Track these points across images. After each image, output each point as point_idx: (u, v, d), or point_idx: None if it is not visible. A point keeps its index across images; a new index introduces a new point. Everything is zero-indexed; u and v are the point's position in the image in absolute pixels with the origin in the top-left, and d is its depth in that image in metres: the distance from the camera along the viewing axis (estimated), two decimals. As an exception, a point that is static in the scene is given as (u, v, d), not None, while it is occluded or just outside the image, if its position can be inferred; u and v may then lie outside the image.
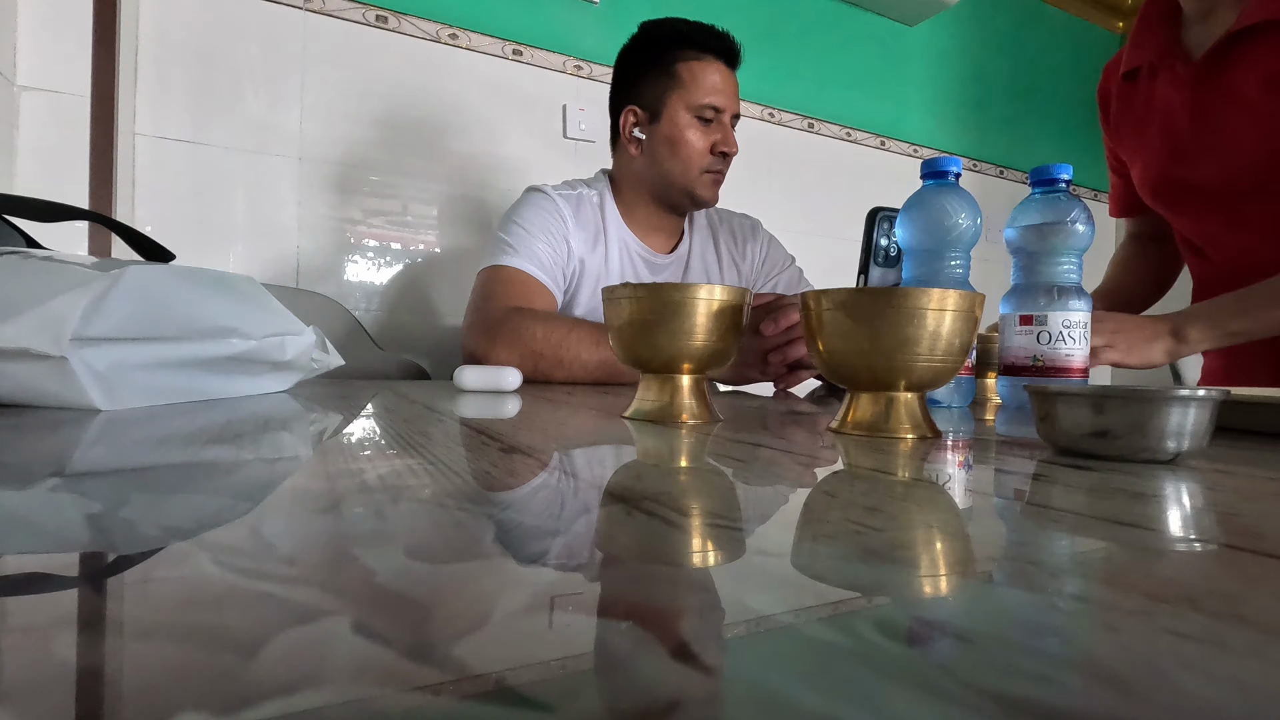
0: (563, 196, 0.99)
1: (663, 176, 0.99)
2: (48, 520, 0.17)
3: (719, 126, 0.96)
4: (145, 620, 0.11)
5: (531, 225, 0.94)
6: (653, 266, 1.05)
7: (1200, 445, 0.29)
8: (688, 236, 1.10)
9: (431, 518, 0.18)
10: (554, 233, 0.95)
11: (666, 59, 0.96)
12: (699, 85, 0.94)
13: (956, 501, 0.22)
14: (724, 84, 0.95)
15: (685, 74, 0.94)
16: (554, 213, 0.96)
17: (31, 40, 1.11)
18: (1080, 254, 0.62)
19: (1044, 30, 2.46)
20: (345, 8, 1.35)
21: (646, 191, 1.02)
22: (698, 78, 0.94)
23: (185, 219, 1.24)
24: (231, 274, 0.50)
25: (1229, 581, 0.14)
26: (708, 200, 1.00)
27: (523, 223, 0.95)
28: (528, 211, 0.96)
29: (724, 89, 0.95)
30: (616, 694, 0.09)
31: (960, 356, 0.37)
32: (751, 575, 0.14)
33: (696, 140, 0.95)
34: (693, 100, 0.94)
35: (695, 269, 1.08)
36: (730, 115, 0.97)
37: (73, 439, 0.29)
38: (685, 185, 0.97)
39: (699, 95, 0.94)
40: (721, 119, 0.96)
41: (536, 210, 0.96)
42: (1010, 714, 0.08)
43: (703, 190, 0.98)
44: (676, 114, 0.95)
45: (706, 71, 0.94)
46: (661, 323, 0.42)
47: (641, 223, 1.04)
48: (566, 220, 0.97)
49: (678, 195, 1.00)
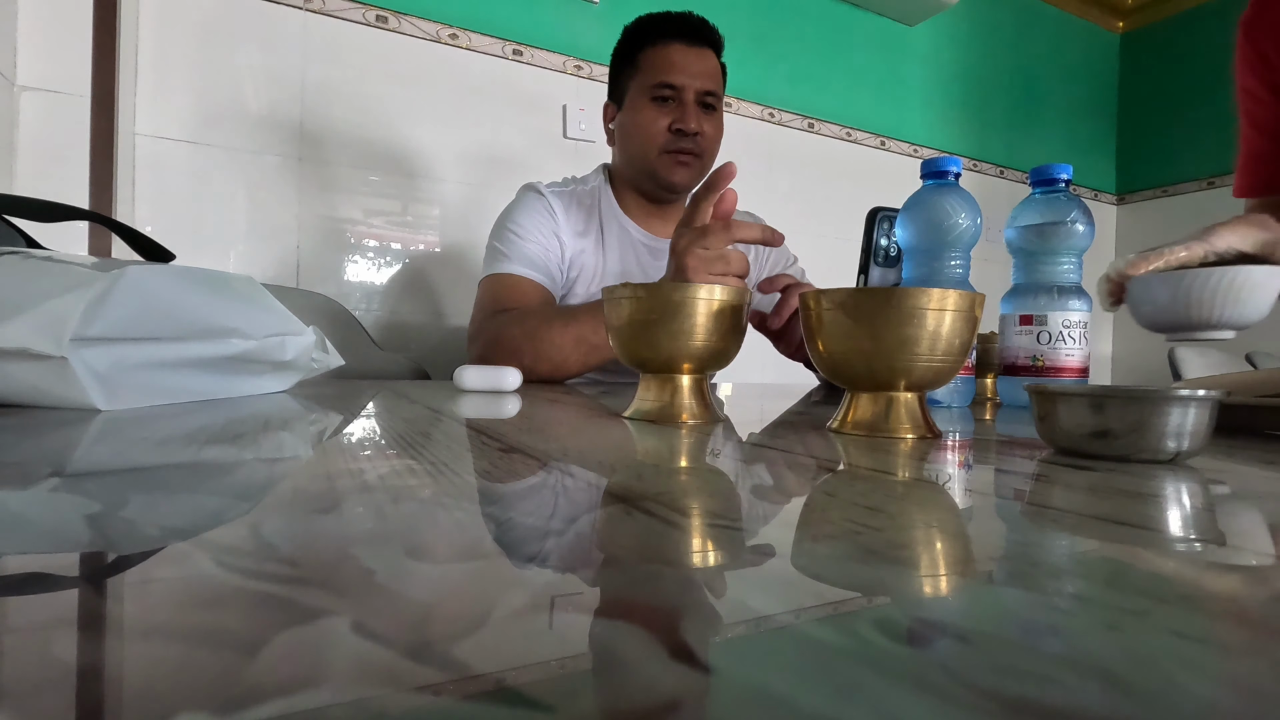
0: (553, 193, 1.01)
1: (630, 162, 1.01)
2: (48, 520, 0.17)
3: (677, 106, 0.96)
4: (145, 620, 0.11)
5: (521, 226, 0.97)
6: (654, 251, 1.05)
7: (1200, 445, 0.29)
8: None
9: (431, 518, 0.18)
10: (544, 229, 0.98)
11: (632, 52, 0.99)
12: (653, 67, 0.96)
13: (956, 501, 0.22)
14: (681, 61, 0.95)
15: (643, 61, 0.97)
16: (543, 210, 0.99)
17: (31, 40, 1.11)
18: (1080, 254, 0.62)
19: (1044, 30, 2.46)
20: (345, 8, 1.35)
21: (627, 180, 1.04)
22: (653, 61, 0.96)
23: (185, 219, 1.24)
24: (231, 274, 0.50)
25: (1229, 581, 0.14)
26: (672, 182, 0.98)
27: (513, 226, 0.97)
28: (518, 214, 0.98)
29: (680, 66, 0.95)
30: (616, 694, 0.09)
31: (960, 356, 0.37)
32: (751, 575, 0.14)
33: (650, 121, 0.96)
34: (646, 82, 0.96)
35: None
36: (693, 93, 0.96)
37: (73, 439, 0.29)
38: (645, 166, 0.98)
39: (652, 76, 0.96)
40: (682, 98, 0.95)
41: (526, 211, 0.98)
42: (1010, 714, 0.08)
43: (664, 171, 0.97)
44: (635, 97, 0.98)
45: (661, 54, 0.96)
46: (661, 323, 0.42)
47: (636, 210, 1.06)
48: (556, 215, 0.99)
49: (643, 179, 1.01)
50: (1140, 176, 2.63)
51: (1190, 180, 2.49)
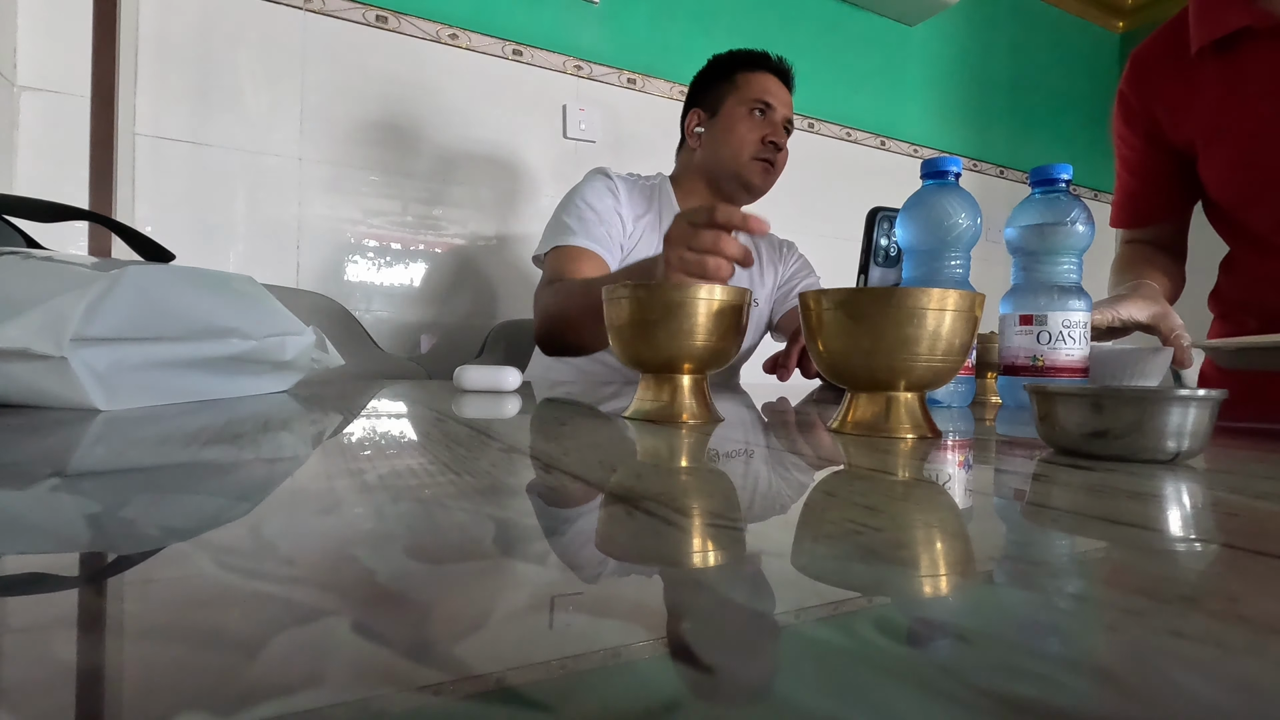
0: (619, 178, 1.11)
1: (719, 163, 1.11)
2: (48, 520, 0.17)
3: (769, 123, 1.09)
4: (145, 620, 0.11)
5: (586, 201, 1.06)
6: None
7: (1200, 445, 0.29)
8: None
9: (431, 518, 0.18)
10: (607, 206, 1.07)
11: (728, 71, 1.12)
12: (752, 87, 1.10)
13: (956, 501, 0.22)
14: (776, 90, 1.11)
15: (741, 80, 1.11)
16: (608, 189, 1.08)
17: (31, 40, 1.11)
18: (1080, 254, 0.62)
19: (1044, 30, 2.46)
20: (345, 8, 1.35)
21: (703, 180, 1.13)
22: (752, 82, 1.10)
23: (185, 219, 1.24)
24: (231, 274, 0.50)
25: (1229, 581, 0.14)
26: (757, 184, 1.10)
27: (580, 201, 1.06)
28: (585, 190, 1.08)
29: (775, 93, 1.10)
30: (616, 694, 0.09)
31: (960, 356, 0.37)
32: (751, 575, 0.14)
33: (748, 130, 1.08)
34: (746, 96, 1.09)
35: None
36: (782, 118, 1.10)
37: (73, 439, 0.29)
38: (736, 169, 1.09)
39: (752, 93, 1.09)
40: (772, 117, 1.09)
41: (592, 189, 1.07)
42: (1010, 714, 0.08)
43: (752, 175, 1.09)
44: (732, 109, 1.10)
45: (760, 78, 1.11)
46: (661, 323, 0.42)
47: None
48: (619, 194, 1.08)
49: (729, 180, 1.10)
50: (1140, 176, 2.63)
51: (1190, 180, 2.48)
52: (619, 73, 1.65)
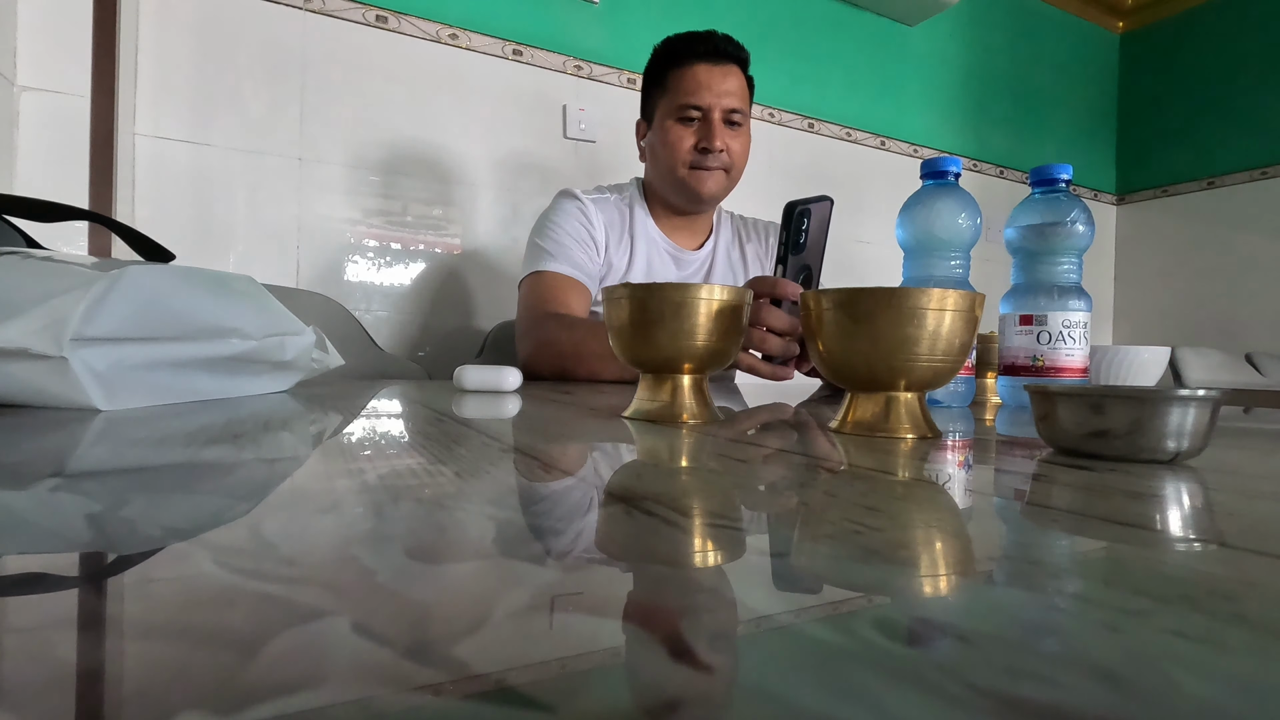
0: (591, 200, 1.07)
1: (660, 177, 1.07)
2: (48, 520, 0.17)
3: (703, 125, 1.01)
4: (145, 620, 0.11)
5: (564, 228, 1.03)
6: (679, 261, 1.12)
7: (1200, 445, 0.29)
8: (714, 235, 1.17)
9: (431, 518, 0.18)
10: (584, 234, 1.04)
11: (660, 73, 1.05)
12: (679, 89, 1.01)
13: (956, 501, 0.22)
14: (706, 80, 1.00)
15: (672, 81, 1.03)
16: (583, 215, 1.05)
17: (31, 40, 1.11)
18: (1080, 254, 0.62)
19: (1044, 30, 2.46)
20: (345, 8, 1.35)
21: (658, 193, 1.11)
22: (679, 83, 1.02)
23: (185, 219, 1.24)
24: (231, 274, 0.50)
25: (1229, 581, 0.14)
26: (700, 192, 1.03)
27: (555, 228, 1.03)
28: (559, 216, 1.05)
29: (706, 85, 1.00)
30: (616, 694, 0.09)
31: (960, 356, 0.37)
32: (751, 575, 0.14)
33: (677, 140, 1.02)
34: (673, 103, 1.02)
35: (720, 264, 1.15)
36: (719, 112, 1.00)
37: (73, 439, 0.29)
38: (673, 181, 1.04)
39: (678, 98, 1.01)
40: (709, 117, 1.01)
41: (566, 215, 1.05)
42: (1010, 714, 0.08)
43: (692, 183, 1.03)
44: (662, 119, 1.04)
45: (686, 76, 1.01)
46: (661, 323, 0.42)
47: (666, 222, 1.13)
48: (594, 221, 1.05)
49: (673, 192, 1.07)
50: (1140, 176, 2.63)
51: (1190, 180, 2.49)
52: (619, 73, 1.65)
